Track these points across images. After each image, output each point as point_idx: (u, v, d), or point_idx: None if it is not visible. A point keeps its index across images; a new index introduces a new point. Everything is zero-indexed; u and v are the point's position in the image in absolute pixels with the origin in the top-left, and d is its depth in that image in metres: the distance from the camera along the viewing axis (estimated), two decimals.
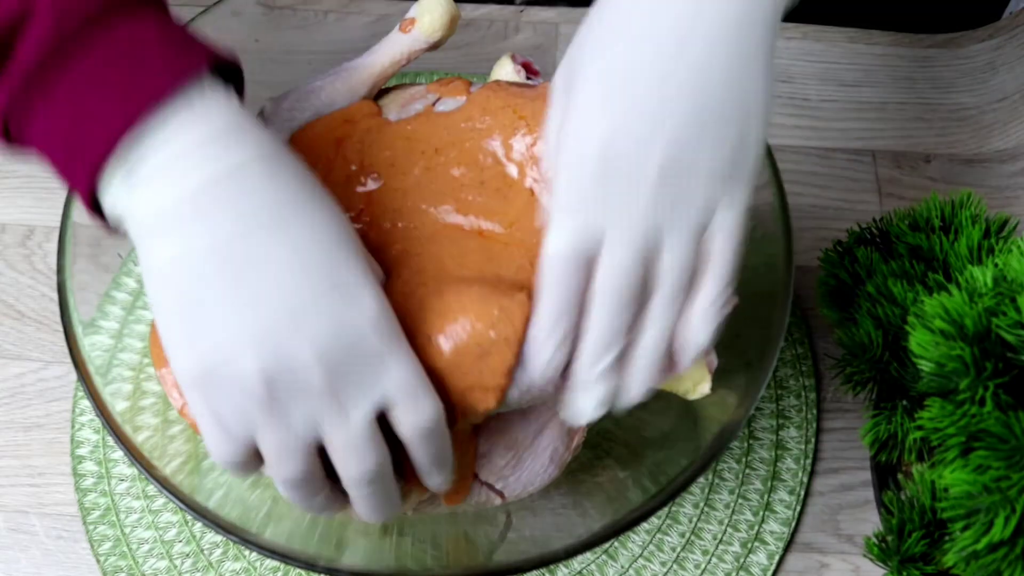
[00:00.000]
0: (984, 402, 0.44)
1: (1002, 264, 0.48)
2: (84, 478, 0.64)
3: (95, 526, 0.62)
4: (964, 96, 0.79)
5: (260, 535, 0.49)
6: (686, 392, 0.50)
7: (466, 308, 0.45)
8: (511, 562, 0.50)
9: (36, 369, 0.67)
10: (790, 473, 0.65)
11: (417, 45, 0.57)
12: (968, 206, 0.58)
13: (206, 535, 0.62)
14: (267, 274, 0.40)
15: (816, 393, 0.67)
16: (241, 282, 0.40)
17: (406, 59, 0.58)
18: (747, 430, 0.66)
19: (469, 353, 0.45)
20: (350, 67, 0.58)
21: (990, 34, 0.82)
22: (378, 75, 0.58)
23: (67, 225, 0.54)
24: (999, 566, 0.43)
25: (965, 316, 0.45)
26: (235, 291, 0.40)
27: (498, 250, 0.50)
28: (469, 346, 0.45)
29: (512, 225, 0.50)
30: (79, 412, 0.66)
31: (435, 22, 0.57)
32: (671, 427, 0.58)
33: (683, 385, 0.50)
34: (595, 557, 0.62)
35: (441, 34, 0.57)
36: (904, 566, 0.51)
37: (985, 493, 0.43)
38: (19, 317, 0.69)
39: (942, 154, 0.77)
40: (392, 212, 0.52)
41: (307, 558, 0.49)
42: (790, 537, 0.63)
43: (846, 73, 0.79)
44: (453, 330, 0.45)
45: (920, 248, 0.57)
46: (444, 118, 0.54)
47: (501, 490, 0.54)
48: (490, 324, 0.45)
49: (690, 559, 0.62)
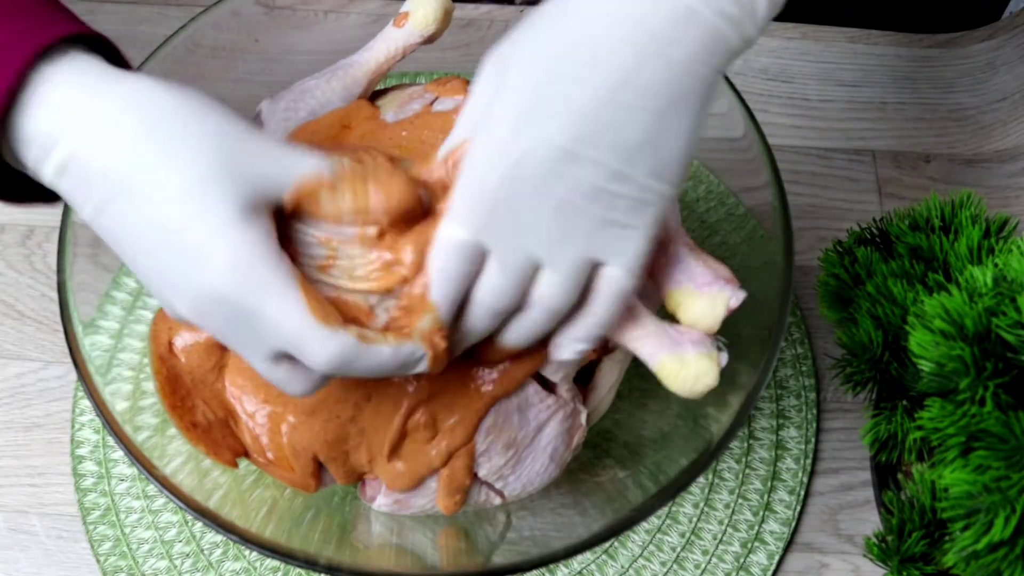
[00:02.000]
0: (984, 402, 0.44)
1: (1002, 264, 0.48)
2: (84, 478, 0.64)
3: (95, 526, 0.62)
4: (964, 96, 0.79)
5: (260, 535, 0.49)
6: (684, 381, 0.48)
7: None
8: (511, 562, 0.50)
9: (36, 369, 0.67)
10: (790, 473, 0.65)
11: (412, 39, 0.57)
12: (968, 206, 0.58)
13: (206, 535, 0.62)
14: (130, 248, 0.42)
15: (816, 393, 0.67)
16: (128, 255, 0.42)
17: (401, 54, 0.57)
18: (747, 430, 0.66)
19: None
20: (345, 65, 0.58)
21: (990, 34, 0.82)
22: (374, 72, 0.58)
23: (67, 225, 0.54)
24: (999, 566, 0.43)
25: (965, 316, 0.45)
26: (130, 262, 0.42)
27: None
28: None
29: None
30: (79, 412, 0.66)
31: (429, 15, 0.56)
32: (671, 427, 0.58)
33: (688, 371, 0.48)
34: (595, 557, 0.62)
35: (435, 27, 0.57)
36: (904, 566, 0.51)
37: (985, 493, 0.43)
38: (19, 317, 0.69)
39: (942, 154, 0.77)
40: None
41: (307, 558, 0.49)
42: (790, 537, 0.63)
43: (846, 73, 0.79)
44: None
45: (920, 248, 0.57)
46: (442, 119, 0.54)
47: (501, 490, 0.54)
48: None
49: (690, 559, 0.62)
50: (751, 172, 0.58)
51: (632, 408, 0.61)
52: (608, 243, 0.44)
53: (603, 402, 0.57)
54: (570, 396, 0.53)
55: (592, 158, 0.42)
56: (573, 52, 0.42)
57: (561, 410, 0.53)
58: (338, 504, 0.56)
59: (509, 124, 0.42)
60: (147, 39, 0.78)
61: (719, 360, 0.47)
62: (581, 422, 0.54)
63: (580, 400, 0.54)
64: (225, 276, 0.40)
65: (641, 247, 0.44)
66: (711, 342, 0.48)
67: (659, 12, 0.41)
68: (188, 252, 0.40)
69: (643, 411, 0.61)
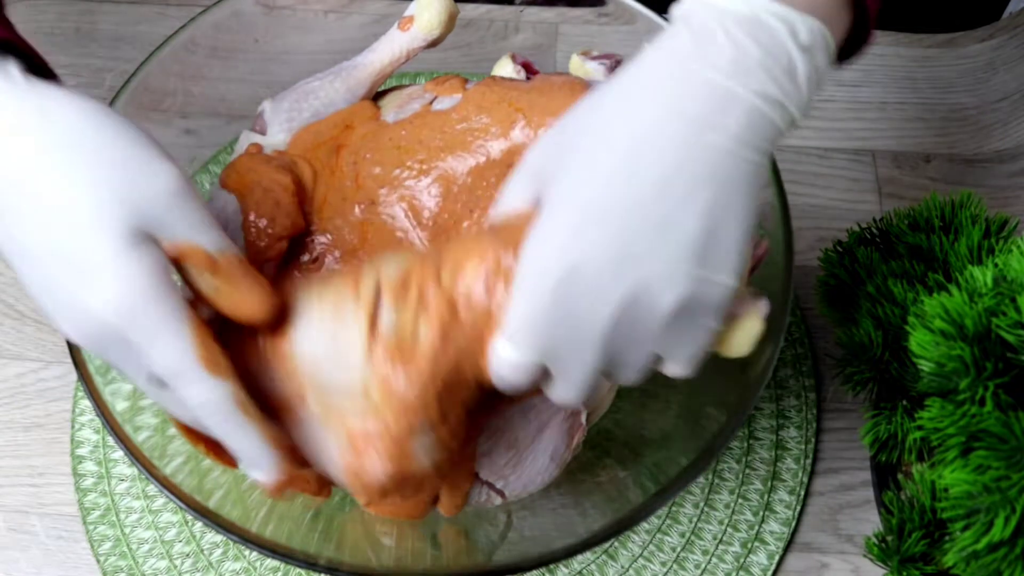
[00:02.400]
0: (984, 402, 0.44)
1: (1002, 264, 0.48)
2: (84, 478, 0.64)
3: (95, 526, 0.62)
4: (964, 96, 0.79)
5: (260, 535, 0.49)
6: (740, 346, 0.46)
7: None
8: (511, 562, 0.50)
9: (36, 369, 0.67)
10: (790, 473, 0.65)
11: (416, 43, 0.57)
12: (968, 206, 0.58)
13: (206, 535, 0.62)
14: (20, 261, 0.41)
15: (816, 393, 0.67)
16: (12, 264, 0.42)
17: (405, 57, 0.58)
18: (747, 430, 0.66)
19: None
20: (349, 66, 0.58)
21: (990, 34, 0.82)
22: (377, 74, 0.58)
23: None
24: (999, 566, 0.43)
25: (965, 316, 0.45)
26: (18, 274, 0.42)
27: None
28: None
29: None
30: (79, 412, 0.66)
31: (434, 19, 0.56)
32: (671, 427, 0.58)
33: (732, 335, 0.46)
34: (595, 557, 0.62)
35: (440, 31, 0.57)
36: (904, 566, 0.51)
37: (985, 493, 0.43)
38: (19, 317, 0.69)
39: (942, 154, 0.77)
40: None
41: (307, 558, 0.49)
42: (790, 537, 0.63)
43: (846, 73, 0.79)
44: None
45: (920, 248, 0.57)
46: (440, 118, 0.54)
47: (502, 489, 0.54)
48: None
49: (690, 559, 0.62)
50: None
51: (632, 408, 0.61)
52: (671, 342, 0.42)
53: (603, 402, 0.57)
54: None
55: (648, 259, 0.39)
56: (612, 153, 0.40)
57: (561, 410, 0.53)
58: (338, 504, 0.56)
59: (560, 234, 0.40)
60: (147, 39, 0.78)
61: (760, 311, 0.45)
62: (581, 422, 0.54)
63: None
64: (113, 306, 0.40)
65: (703, 343, 0.42)
66: (746, 298, 0.45)
67: (696, 98, 0.39)
68: (77, 277, 0.40)
69: (643, 411, 0.61)
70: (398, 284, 0.44)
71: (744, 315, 0.44)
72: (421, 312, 0.43)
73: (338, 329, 0.44)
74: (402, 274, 0.44)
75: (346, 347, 0.44)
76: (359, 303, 0.44)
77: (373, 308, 0.43)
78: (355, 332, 0.44)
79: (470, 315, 0.43)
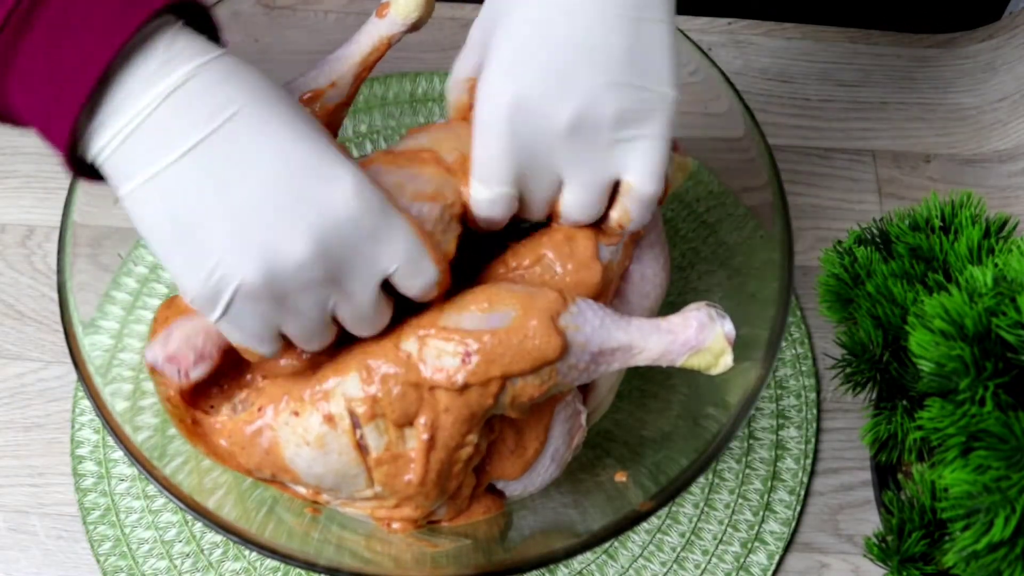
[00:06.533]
0: (984, 402, 0.44)
1: (1002, 264, 0.48)
2: (84, 478, 0.64)
3: (95, 526, 0.62)
4: (964, 96, 0.79)
5: (260, 535, 0.49)
6: (709, 367, 0.49)
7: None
8: (511, 562, 0.50)
9: (36, 369, 0.67)
10: (790, 473, 0.65)
11: (395, 28, 0.57)
12: (968, 206, 0.58)
13: (206, 535, 0.62)
14: (248, 178, 0.42)
15: (816, 393, 0.67)
16: (226, 191, 0.42)
17: (386, 44, 0.57)
18: (747, 430, 0.66)
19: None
20: (331, 60, 0.57)
21: (990, 34, 0.82)
22: (359, 63, 0.57)
23: (67, 225, 0.54)
24: (999, 566, 0.43)
25: (965, 316, 0.45)
26: (222, 202, 0.41)
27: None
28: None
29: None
30: (79, 412, 0.66)
31: (410, 3, 0.56)
32: (671, 427, 0.58)
33: (704, 360, 0.49)
34: (595, 557, 0.62)
35: (417, 15, 0.56)
36: (904, 566, 0.51)
37: (985, 493, 0.43)
38: (19, 317, 0.69)
39: (942, 154, 0.77)
40: None
41: (307, 558, 0.49)
42: (790, 537, 0.63)
43: (846, 73, 0.79)
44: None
45: (920, 248, 0.57)
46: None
47: (502, 489, 0.54)
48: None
49: (690, 559, 0.62)
50: (751, 172, 0.58)
51: (632, 408, 0.61)
52: (624, 158, 0.46)
53: (603, 402, 0.57)
54: (570, 396, 0.53)
55: (584, 78, 0.45)
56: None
57: (562, 410, 0.53)
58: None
59: (499, 73, 0.46)
60: None
61: (726, 333, 0.48)
62: (581, 422, 0.54)
63: (580, 400, 0.54)
64: (355, 193, 0.43)
65: (657, 154, 0.47)
66: (708, 321, 0.48)
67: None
68: (317, 177, 0.42)
69: (643, 411, 0.61)
70: (368, 410, 0.47)
71: (711, 340, 0.48)
72: (404, 427, 0.48)
73: (328, 458, 0.48)
74: (368, 397, 0.47)
75: (344, 468, 0.49)
76: (338, 432, 0.48)
77: (357, 439, 0.48)
78: (349, 459, 0.48)
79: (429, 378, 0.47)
